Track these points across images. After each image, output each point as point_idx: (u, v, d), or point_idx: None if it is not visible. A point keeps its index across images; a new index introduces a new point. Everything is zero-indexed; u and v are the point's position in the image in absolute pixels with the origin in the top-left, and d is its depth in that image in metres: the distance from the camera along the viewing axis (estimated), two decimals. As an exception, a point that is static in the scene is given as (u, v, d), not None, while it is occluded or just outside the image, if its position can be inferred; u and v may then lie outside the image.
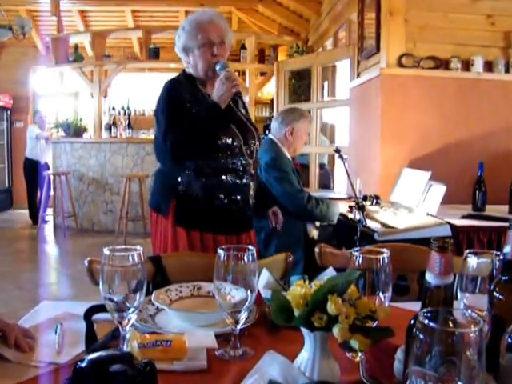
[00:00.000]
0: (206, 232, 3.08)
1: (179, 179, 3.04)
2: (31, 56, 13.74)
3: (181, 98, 3.04)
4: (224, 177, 3.04)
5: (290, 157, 4.60)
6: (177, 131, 2.93)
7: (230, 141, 3.02)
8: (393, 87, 5.42)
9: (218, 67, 3.01)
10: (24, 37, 10.33)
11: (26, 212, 11.81)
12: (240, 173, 3.09)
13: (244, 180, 3.12)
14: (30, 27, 10.57)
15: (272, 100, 10.71)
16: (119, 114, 12.13)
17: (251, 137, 3.18)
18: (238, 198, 3.11)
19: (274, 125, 4.71)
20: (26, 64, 13.67)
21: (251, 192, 3.19)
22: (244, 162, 3.10)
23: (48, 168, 11.41)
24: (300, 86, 9.53)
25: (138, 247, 1.50)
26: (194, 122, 2.92)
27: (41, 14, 12.33)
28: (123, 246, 1.51)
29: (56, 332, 1.77)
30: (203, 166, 3.02)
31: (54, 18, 11.53)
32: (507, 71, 5.51)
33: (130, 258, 1.47)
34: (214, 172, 3.03)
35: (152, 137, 11.57)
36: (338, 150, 4.44)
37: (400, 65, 5.43)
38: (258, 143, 3.24)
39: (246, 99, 10.60)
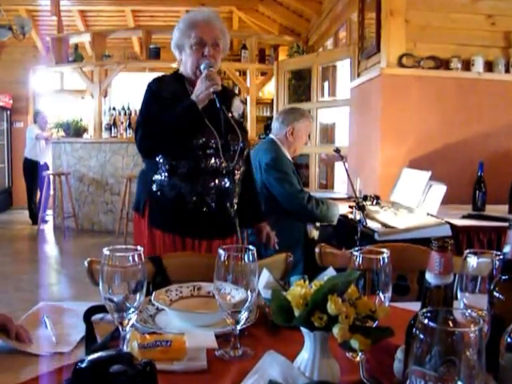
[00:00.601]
0: (176, 234, 3.02)
1: (153, 178, 3.00)
2: (31, 56, 13.75)
3: (160, 94, 2.98)
4: (197, 178, 2.95)
5: (290, 157, 4.59)
6: (148, 125, 2.90)
7: (204, 141, 2.93)
8: (393, 87, 5.43)
9: (202, 66, 2.95)
10: (24, 37, 10.33)
11: (26, 212, 11.83)
12: (215, 175, 2.99)
13: (220, 183, 3.02)
14: (30, 27, 10.57)
15: (273, 100, 10.72)
16: (119, 114, 12.12)
17: (234, 139, 3.07)
18: (209, 201, 3.00)
19: (274, 125, 4.70)
20: (25, 64, 13.68)
21: (231, 197, 3.10)
22: (221, 164, 2.99)
23: (47, 168, 11.41)
24: (300, 85, 9.54)
25: (138, 247, 1.50)
26: (167, 117, 2.85)
27: (41, 14, 12.35)
28: (123, 246, 1.51)
29: (46, 325, 1.82)
30: (177, 166, 2.95)
31: (54, 18, 11.54)
32: (507, 71, 5.52)
33: (130, 258, 1.47)
34: (187, 173, 2.95)
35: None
36: (337, 150, 4.44)
37: (400, 65, 5.43)
38: (242, 145, 3.10)
39: (247, 100, 10.61)
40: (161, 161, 2.97)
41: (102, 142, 10.60)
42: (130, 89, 13.44)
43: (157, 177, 2.99)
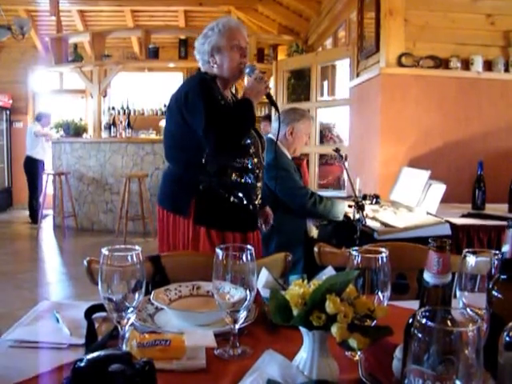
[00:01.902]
0: (226, 231, 3.19)
1: (200, 178, 3.12)
2: (30, 56, 13.75)
3: (214, 94, 3.13)
4: (243, 176, 3.17)
5: (290, 156, 4.59)
6: (220, 127, 3.00)
7: (251, 141, 3.18)
8: (392, 86, 5.43)
9: (247, 70, 3.21)
10: (23, 37, 10.32)
11: (26, 212, 11.84)
12: (255, 173, 3.22)
13: (256, 180, 3.26)
14: (29, 27, 10.55)
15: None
16: (119, 113, 12.14)
17: (262, 139, 3.36)
18: (254, 197, 3.26)
19: (274, 125, 4.70)
20: (25, 64, 13.70)
21: (259, 192, 3.32)
22: (258, 162, 3.24)
23: (44, 167, 11.41)
24: (299, 85, 9.54)
25: (137, 247, 1.50)
26: (236, 116, 3.06)
27: (40, 14, 12.34)
28: (122, 246, 1.51)
29: (58, 320, 1.85)
30: (226, 166, 3.13)
31: (53, 18, 11.55)
32: (507, 70, 5.53)
33: (129, 257, 1.47)
34: (235, 171, 3.14)
35: (152, 136, 11.43)
36: (337, 150, 4.44)
37: (400, 64, 5.44)
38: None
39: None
40: (208, 161, 3.11)
41: (102, 142, 10.61)
42: (129, 88, 13.47)
43: (204, 177, 3.12)
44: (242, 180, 3.17)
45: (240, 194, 3.17)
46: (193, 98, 3.08)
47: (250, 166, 3.18)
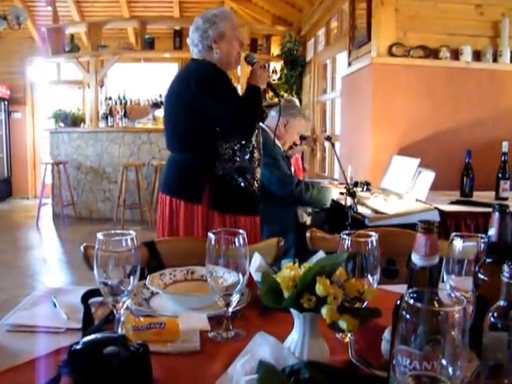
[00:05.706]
0: (238, 214, 3.27)
1: (217, 165, 3.17)
2: (27, 47, 13.64)
3: (228, 80, 3.22)
4: (248, 160, 3.24)
5: (280, 145, 4.59)
6: (248, 112, 3.11)
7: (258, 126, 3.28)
8: (383, 76, 5.46)
9: (249, 58, 3.30)
10: (19, 27, 10.27)
11: (26, 201, 11.89)
12: (255, 156, 3.28)
13: (256, 163, 3.31)
14: (25, 17, 10.49)
15: (264, 89, 10.74)
16: (116, 103, 12.11)
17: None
18: (253, 180, 3.31)
19: (271, 113, 4.70)
20: (22, 55, 13.60)
21: (258, 175, 3.37)
22: (257, 145, 3.31)
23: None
24: (292, 75, 9.55)
25: (131, 232, 1.52)
26: (255, 104, 3.17)
27: (36, 5, 12.27)
28: (118, 231, 1.53)
29: (55, 305, 1.87)
30: (239, 151, 3.20)
31: (49, 9, 11.49)
32: (495, 60, 5.58)
33: (124, 242, 1.49)
34: (243, 155, 3.21)
35: (148, 126, 11.34)
36: (329, 138, 4.46)
37: (390, 54, 5.47)
38: None
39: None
40: (223, 147, 3.17)
41: (99, 132, 10.63)
42: (125, 79, 13.46)
43: (221, 164, 3.18)
44: (247, 164, 3.23)
45: (248, 177, 3.25)
46: (214, 85, 3.15)
47: (250, 150, 3.25)
